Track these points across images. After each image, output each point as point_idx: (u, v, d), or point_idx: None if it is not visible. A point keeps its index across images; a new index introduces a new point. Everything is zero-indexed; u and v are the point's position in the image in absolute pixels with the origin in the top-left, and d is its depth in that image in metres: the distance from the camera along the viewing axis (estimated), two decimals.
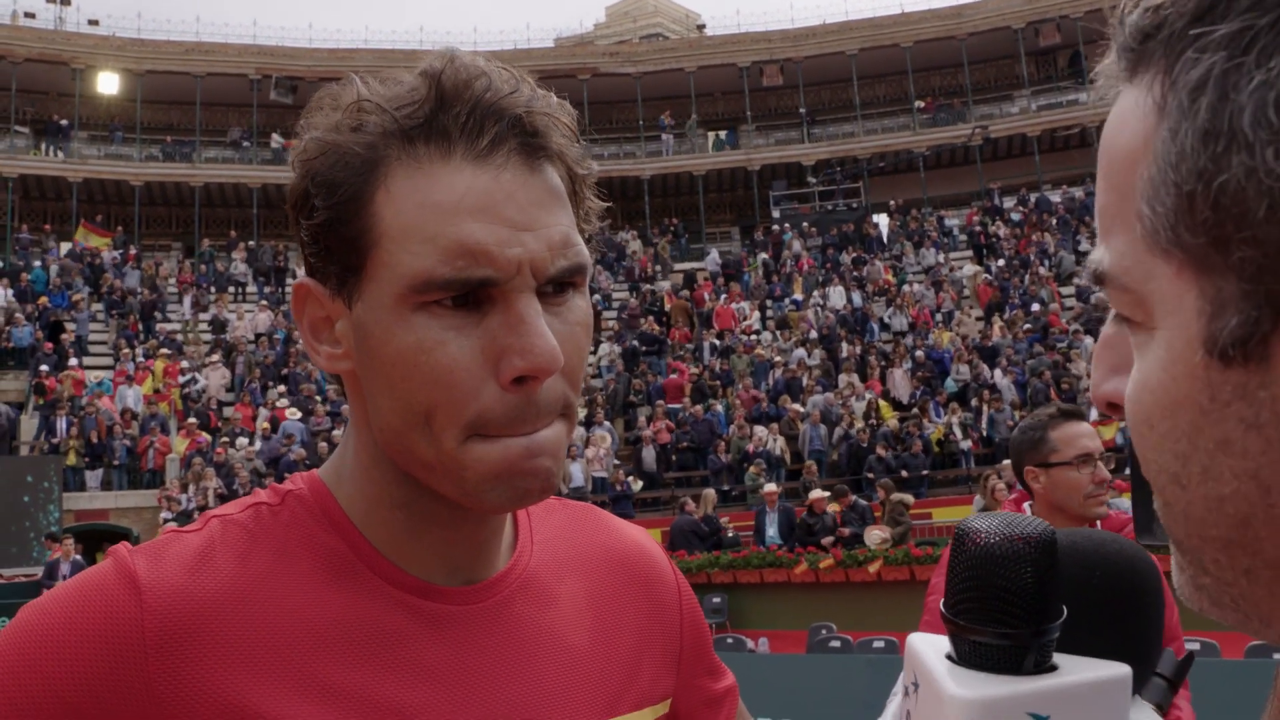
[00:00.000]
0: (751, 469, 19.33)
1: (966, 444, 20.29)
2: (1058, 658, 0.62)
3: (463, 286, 0.84)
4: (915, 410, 21.17)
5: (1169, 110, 0.50)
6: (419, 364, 0.84)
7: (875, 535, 14.65)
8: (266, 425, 21.35)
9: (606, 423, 21.78)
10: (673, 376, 23.75)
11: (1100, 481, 3.03)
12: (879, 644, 9.53)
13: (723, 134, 35.16)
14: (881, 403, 21.57)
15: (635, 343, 25.57)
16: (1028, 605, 0.61)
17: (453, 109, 0.85)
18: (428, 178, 0.85)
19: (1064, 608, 0.63)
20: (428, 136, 0.85)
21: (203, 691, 0.84)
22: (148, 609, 0.84)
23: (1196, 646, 7.27)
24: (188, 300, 28.14)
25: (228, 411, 22.79)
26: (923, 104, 34.58)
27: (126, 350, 24.43)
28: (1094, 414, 17.83)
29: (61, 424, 21.60)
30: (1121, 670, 0.62)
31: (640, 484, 20.50)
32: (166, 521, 18.10)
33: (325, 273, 0.90)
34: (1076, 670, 0.62)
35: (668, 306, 27.72)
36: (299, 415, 21.89)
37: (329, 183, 0.87)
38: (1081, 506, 3.05)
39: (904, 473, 18.77)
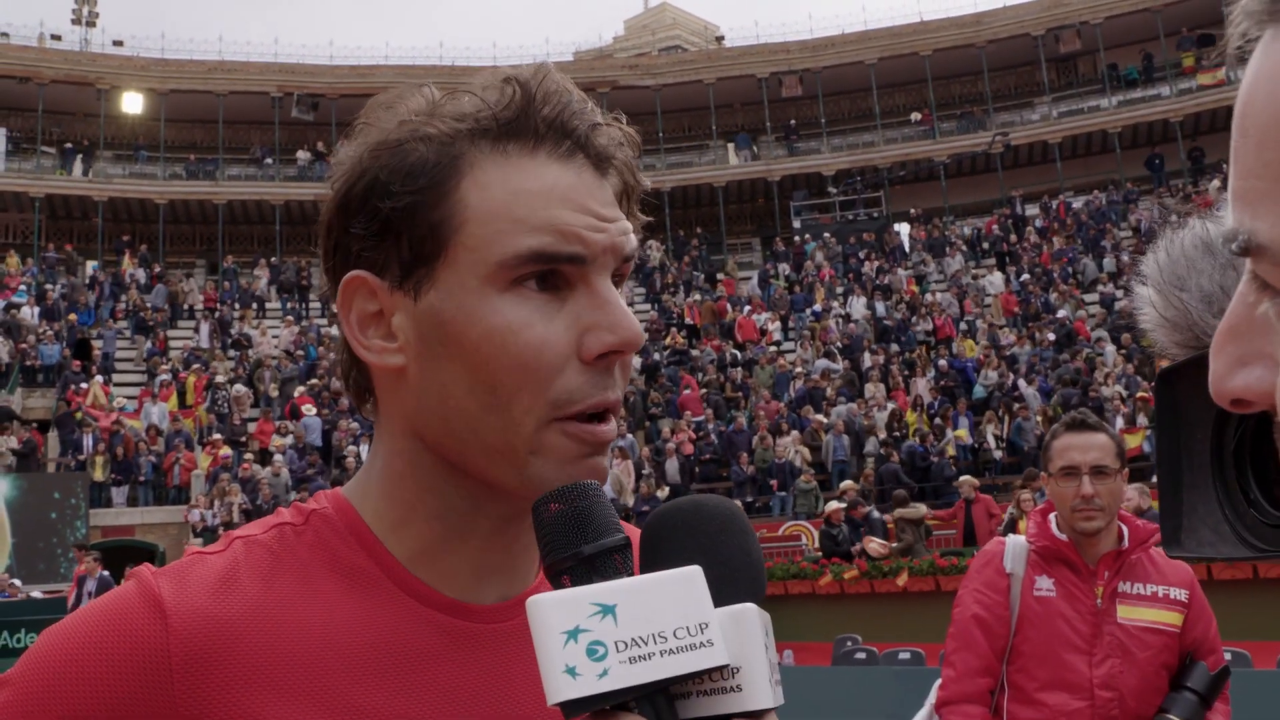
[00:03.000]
0: (803, 477, 19.37)
1: (999, 453, 20.18)
2: (651, 574, 0.71)
3: (552, 260, 0.87)
4: (937, 419, 21.08)
5: None
6: (508, 344, 0.86)
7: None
8: (285, 429, 21.56)
9: (629, 435, 21.78)
10: (687, 392, 23.73)
11: (1083, 496, 2.97)
12: (905, 655, 9.47)
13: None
14: (909, 413, 21.50)
15: (657, 356, 25.58)
16: (569, 533, 0.73)
17: (541, 111, 0.90)
18: (516, 169, 0.89)
19: (625, 539, 0.73)
20: (517, 134, 0.90)
21: (228, 715, 0.83)
22: (173, 632, 0.84)
23: (1228, 656, 7.19)
24: (211, 318, 28.34)
25: (252, 428, 22.94)
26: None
27: (165, 365, 24.66)
28: (1120, 422, 17.75)
29: (88, 440, 21.77)
30: (689, 570, 0.70)
31: (666, 492, 20.49)
32: (195, 535, 18.21)
33: (384, 265, 0.90)
34: (648, 575, 0.71)
35: (688, 320, 27.68)
36: (314, 411, 22.11)
37: (411, 169, 0.89)
38: (1070, 518, 3.02)
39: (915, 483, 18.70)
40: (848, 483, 16.64)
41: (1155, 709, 2.92)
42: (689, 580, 0.69)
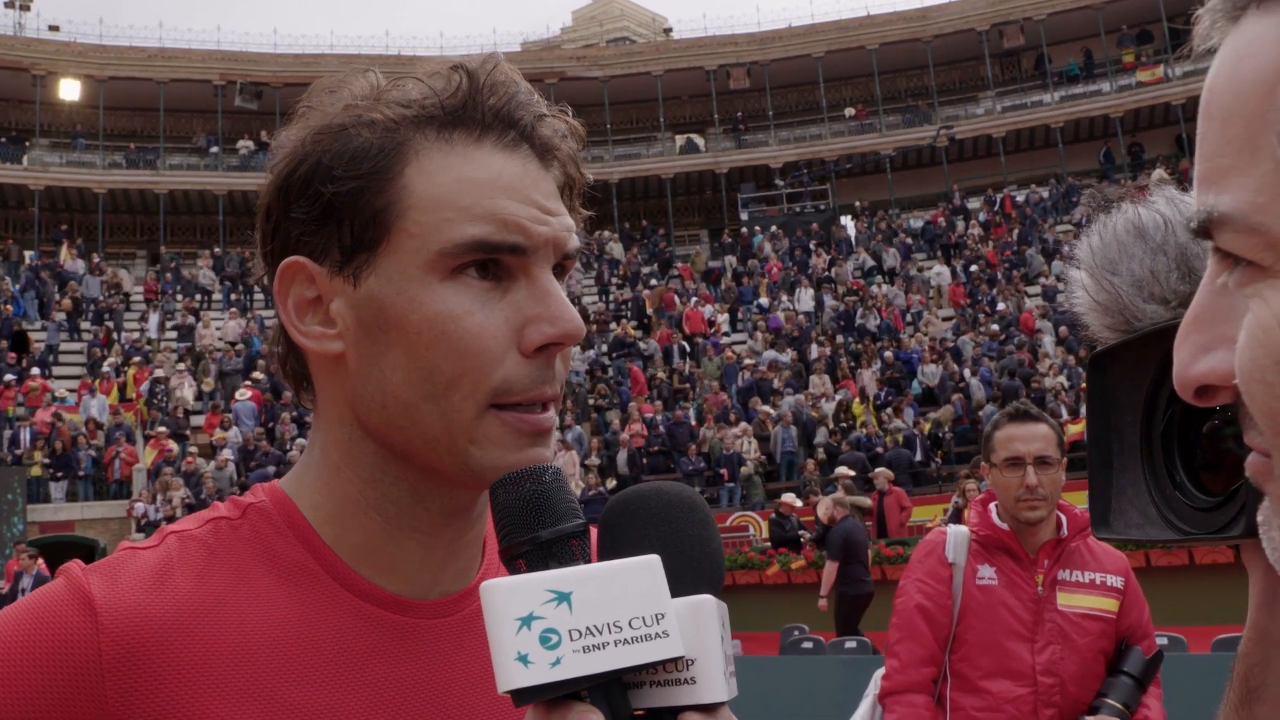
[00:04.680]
0: (743, 468, 19.44)
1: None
2: (608, 562, 0.71)
3: (494, 249, 0.86)
4: (889, 410, 21.25)
5: None
6: (448, 331, 0.86)
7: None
8: (227, 422, 21.37)
9: (577, 427, 21.76)
10: (634, 367, 23.78)
11: (1028, 486, 3.02)
12: (851, 645, 9.55)
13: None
14: (855, 403, 21.65)
15: (605, 347, 25.57)
16: (528, 517, 0.73)
17: (488, 100, 0.90)
18: (461, 158, 0.89)
19: (584, 525, 0.73)
20: (463, 122, 0.90)
21: (163, 715, 0.81)
22: (104, 630, 0.82)
23: (1164, 641, 7.33)
24: (154, 309, 27.87)
25: (196, 420, 22.62)
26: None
27: (112, 360, 24.22)
28: (1064, 413, 18.01)
29: (25, 435, 21.34)
30: (647, 559, 0.69)
31: (614, 484, 20.50)
32: (138, 530, 17.92)
33: (324, 250, 0.89)
34: (605, 563, 0.70)
35: (649, 310, 27.65)
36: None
37: (355, 154, 0.88)
38: (1014, 508, 3.07)
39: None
40: (842, 469, 16.72)
41: (1094, 694, 2.97)
42: (647, 569, 0.69)
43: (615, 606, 0.67)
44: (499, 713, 0.91)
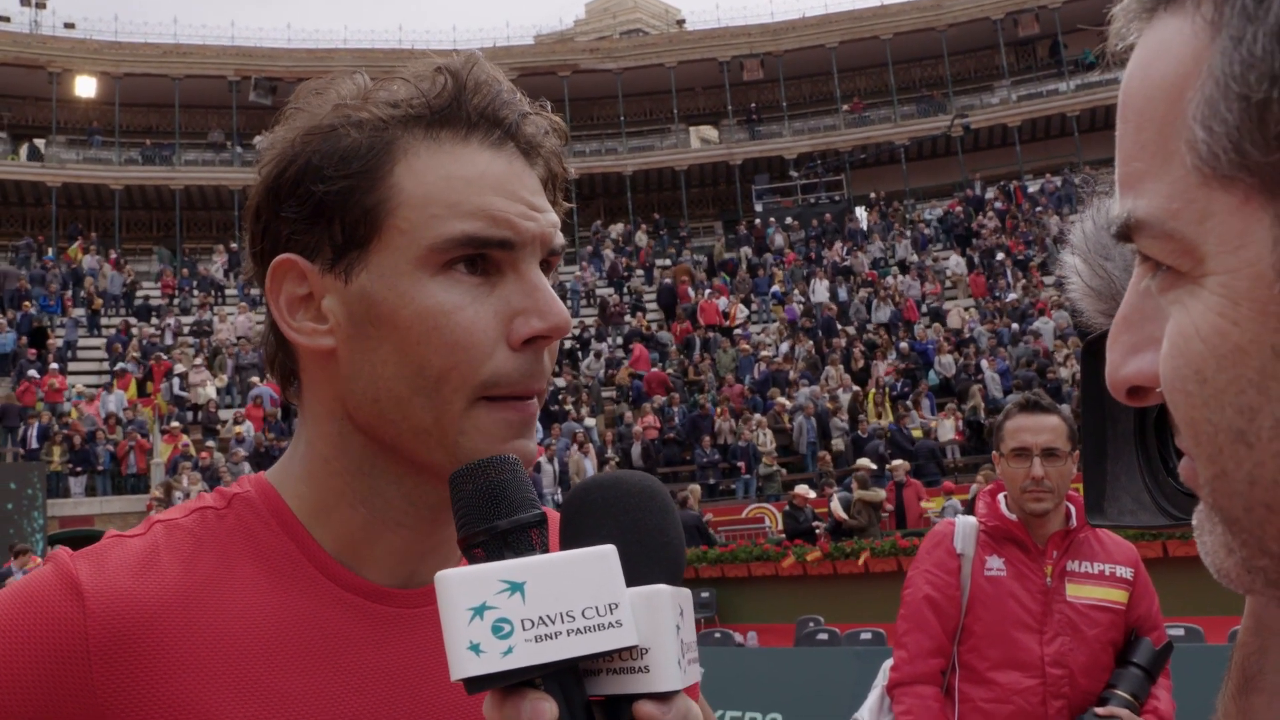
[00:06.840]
0: (764, 459, 19.44)
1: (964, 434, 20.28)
2: (562, 552, 0.71)
3: (483, 244, 0.88)
4: (908, 402, 21.17)
5: (1227, 21, 0.46)
6: (439, 326, 0.87)
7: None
8: (240, 416, 21.51)
9: (589, 419, 21.78)
10: (654, 370, 23.77)
11: (1033, 478, 3.00)
12: (866, 635, 9.55)
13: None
14: (872, 394, 21.59)
15: (619, 339, 25.56)
16: (485, 507, 0.73)
17: (472, 100, 0.92)
18: (449, 156, 0.91)
19: (541, 515, 0.73)
20: (450, 121, 0.92)
21: (148, 699, 0.83)
22: (91, 615, 0.83)
23: (1180, 632, 7.29)
24: (170, 305, 28.00)
25: (224, 414, 22.79)
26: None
27: (134, 355, 24.36)
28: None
29: (33, 431, 21.47)
30: (602, 549, 0.69)
31: None
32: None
33: (315, 248, 0.90)
34: (559, 553, 0.70)
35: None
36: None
37: (345, 154, 0.89)
38: (1020, 499, 3.06)
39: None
40: (863, 461, 16.74)
41: (1103, 685, 2.95)
42: (601, 560, 0.69)
43: (568, 596, 0.68)
44: (473, 700, 0.92)
